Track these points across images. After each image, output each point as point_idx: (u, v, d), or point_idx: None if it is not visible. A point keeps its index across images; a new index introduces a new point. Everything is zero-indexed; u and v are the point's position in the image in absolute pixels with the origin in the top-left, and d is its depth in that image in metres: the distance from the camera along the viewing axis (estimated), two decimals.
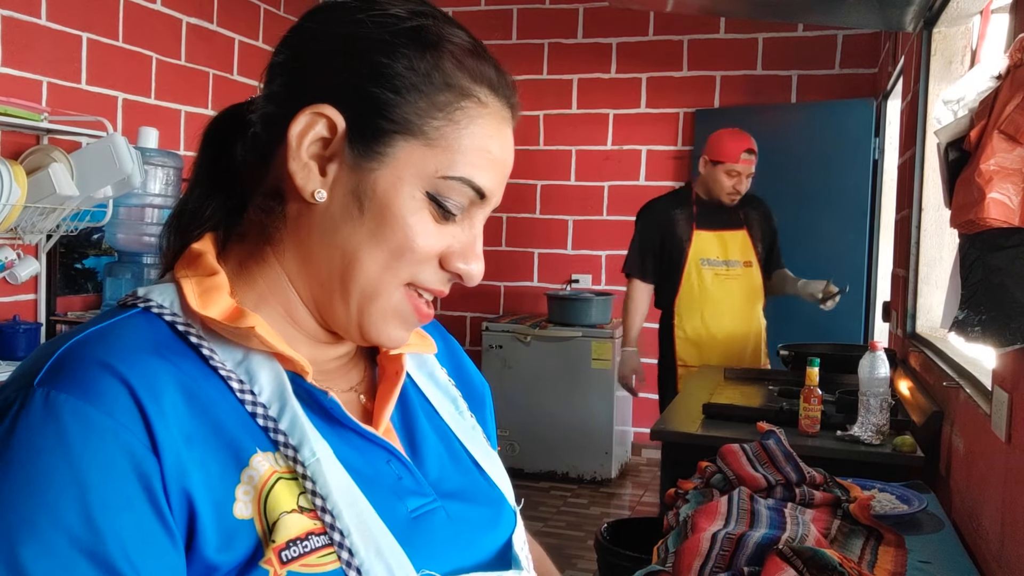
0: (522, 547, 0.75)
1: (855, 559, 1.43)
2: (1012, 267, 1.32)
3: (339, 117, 0.64)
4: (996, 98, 1.35)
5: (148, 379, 0.56)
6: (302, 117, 0.64)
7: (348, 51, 0.65)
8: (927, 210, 2.63)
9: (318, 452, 0.61)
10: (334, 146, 0.64)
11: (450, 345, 0.87)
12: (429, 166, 0.64)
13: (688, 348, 3.24)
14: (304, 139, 0.64)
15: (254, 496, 0.58)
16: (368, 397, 0.72)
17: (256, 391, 0.62)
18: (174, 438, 0.56)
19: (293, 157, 0.64)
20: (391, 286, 0.66)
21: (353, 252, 0.64)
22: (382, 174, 0.64)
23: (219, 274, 0.65)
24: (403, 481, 0.67)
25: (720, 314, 3.21)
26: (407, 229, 0.64)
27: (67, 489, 0.52)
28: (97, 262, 3.26)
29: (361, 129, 0.64)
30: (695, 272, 3.20)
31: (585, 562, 3.37)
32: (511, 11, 4.90)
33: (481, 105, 0.66)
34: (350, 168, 0.64)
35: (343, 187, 0.64)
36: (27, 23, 2.89)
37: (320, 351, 0.70)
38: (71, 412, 0.53)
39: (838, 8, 2.97)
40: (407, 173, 0.64)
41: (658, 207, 3.30)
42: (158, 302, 0.64)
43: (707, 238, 3.22)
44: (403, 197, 0.64)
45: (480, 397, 0.85)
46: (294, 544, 0.57)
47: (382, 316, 0.67)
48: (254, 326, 0.62)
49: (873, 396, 2.08)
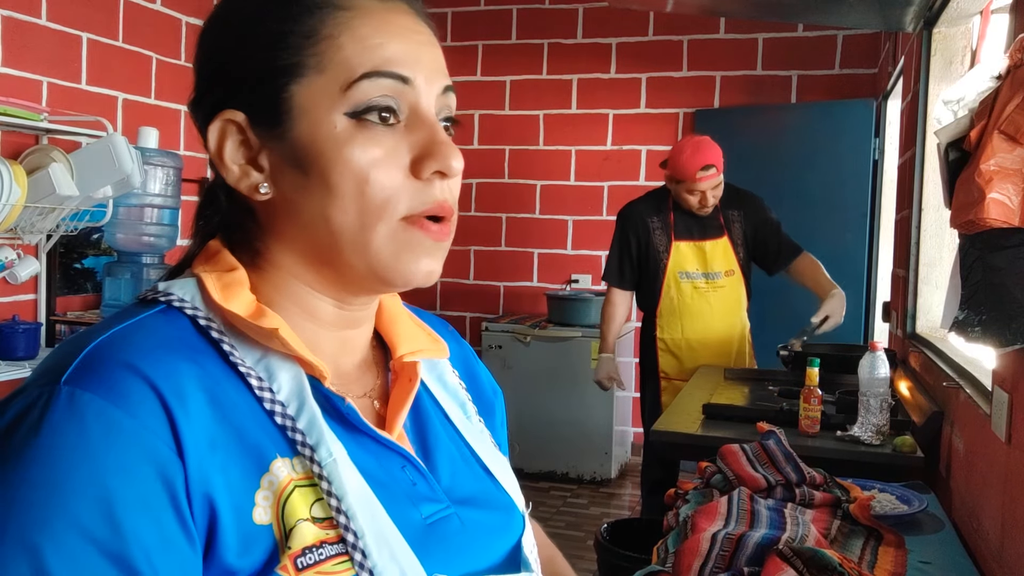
0: (531, 550, 0.75)
1: (855, 559, 1.43)
2: (1012, 267, 1.32)
3: (236, 113, 0.63)
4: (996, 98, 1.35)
5: (174, 381, 0.56)
6: (210, 134, 0.64)
7: (215, 45, 0.66)
8: (927, 210, 2.63)
9: (335, 453, 0.60)
10: (251, 139, 0.64)
11: (463, 349, 0.86)
12: (331, 89, 0.61)
13: (668, 359, 3.20)
14: (224, 151, 0.64)
15: (273, 502, 0.58)
16: (382, 403, 0.72)
17: (275, 389, 0.62)
18: (199, 442, 0.56)
19: (224, 171, 0.64)
20: (383, 228, 0.62)
21: (325, 218, 0.62)
22: (299, 128, 0.62)
23: (239, 270, 0.65)
24: (417, 487, 0.66)
25: (700, 326, 3.15)
26: (350, 163, 0.61)
27: (88, 489, 0.51)
28: (97, 262, 3.26)
29: (257, 105, 0.63)
30: (674, 285, 3.14)
31: (585, 562, 3.37)
32: (511, 11, 4.90)
33: (348, 9, 0.63)
34: (275, 147, 0.63)
35: (282, 167, 0.63)
36: (27, 23, 2.89)
37: (340, 349, 0.70)
38: (95, 412, 0.53)
39: (838, 8, 2.97)
40: (319, 111, 0.61)
41: (635, 213, 3.19)
42: (179, 296, 0.63)
43: (686, 250, 3.12)
44: (326, 135, 0.61)
45: (489, 403, 0.84)
46: (309, 552, 0.57)
47: (394, 258, 0.63)
48: (277, 328, 0.61)
49: (873, 396, 2.08)
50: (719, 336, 3.18)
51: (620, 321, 3.26)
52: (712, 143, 3.02)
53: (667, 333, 3.19)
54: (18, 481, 0.51)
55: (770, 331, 3.37)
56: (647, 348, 3.26)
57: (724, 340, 3.19)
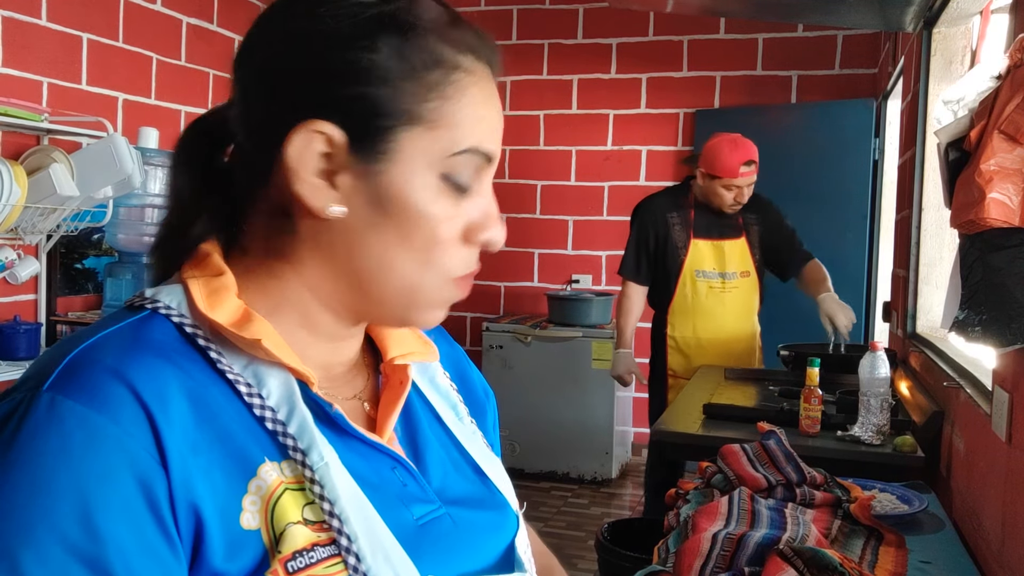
0: (525, 550, 0.75)
1: (856, 559, 1.43)
2: (1012, 267, 1.32)
3: (335, 130, 0.61)
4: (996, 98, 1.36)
5: (156, 386, 0.56)
6: (296, 139, 0.61)
7: (320, 52, 0.61)
8: (927, 210, 2.63)
9: (326, 457, 0.60)
10: (338, 158, 0.61)
11: (455, 351, 0.86)
12: (436, 149, 0.62)
13: (678, 357, 3.20)
14: (305, 160, 0.61)
15: (261, 507, 0.58)
16: (372, 405, 0.72)
17: (264, 395, 0.61)
18: (181, 448, 0.55)
19: (297, 180, 0.61)
20: (433, 282, 0.65)
21: (386, 258, 0.63)
22: (394, 172, 0.62)
23: (226, 274, 0.64)
24: (408, 488, 0.66)
25: (712, 326, 3.15)
26: (431, 221, 0.63)
27: (68, 495, 0.51)
28: (97, 262, 3.26)
29: (361, 133, 0.61)
30: (689, 283, 3.13)
31: (585, 562, 3.37)
32: (511, 11, 4.90)
33: (469, 73, 0.64)
34: (361, 175, 0.62)
35: (360, 196, 0.62)
36: (27, 23, 2.89)
37: (330, 356, 0.69)
38: (76, 418, 0.53)
39: (838, 8, 2.97)
40: (417, 163, 0.62)
41: (655, 207, 3.19)
42: (166, 303, 0.63)
43: (704, 248, 3.12)
44: (419, 189, 0.62)
45: (481, 405, 0.84)
46: (300, 555, 0.57)
47: (428, 307, 0.67)
48: (260, 339, 0.61)
49: (873, 396, 2.08)
50: (730, 337, 3.17)
51: (636, 315, 3.24)
52: (747, 139, 3.02)
53: (678, 331, 3.18)
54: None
55: (775, 333, 3.36)
56: (657, 346, 3.26)
57: (735, 341, 3.18)
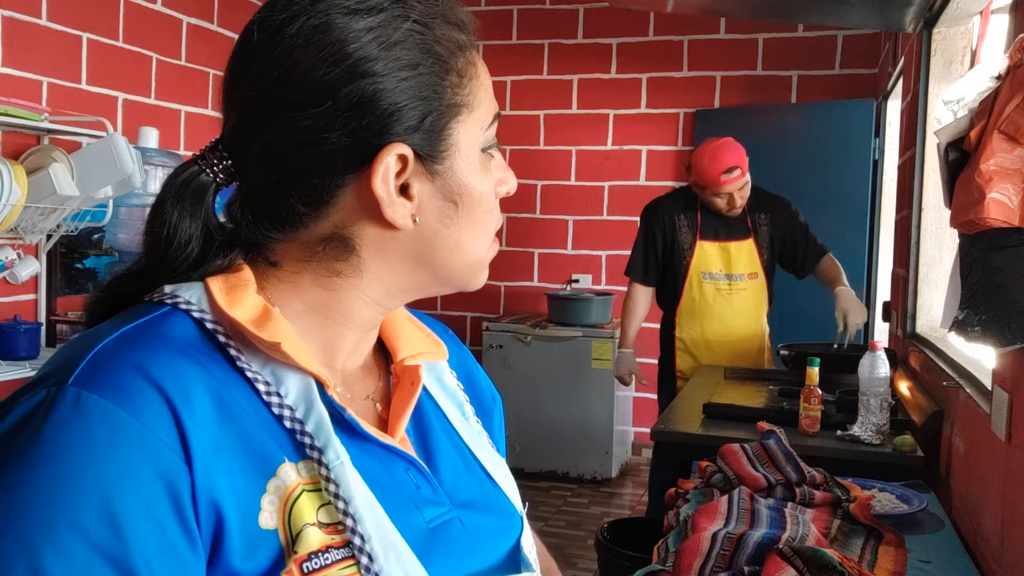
0: (530, 549, 0.75)
1: (855, 559, 1.43)
2: (1012, 267, 1.33)
3: (406, 148, 0.62)
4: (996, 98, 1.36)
5: (181, 384, 0.56)
6: (378, 170, 0.61)
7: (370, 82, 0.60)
8: (927, 210, 2.63)
9: (341, 456, 0.61)
10: (408, 171, 0.63)
11: (463, 354, 0.86)
12: (477, 128, 0.66)
13: (686, 358, 3.21)
14: (388, 185, 0.62)
15: (279, 506, 0.58)
16: (384, 405, 0.72)
17: (283, 393, 0.62)
18: (204, 446, 0.55)
19: (386, 206, 0.62)
20: (488, 246, 0.69)
21: (460, 242, 0.67)
22: (456, 164, 0.65)
23: (244, 270, 0.65)
24: (421, 491, 0.67)
25: (720, 327, 3.16)
26: (487, 195, 0.67)
27: (91, 492, 0.51)
28: (97, 262, 3.26)
29: (426, 142, 0.63)
30: (696, 285, 3.14)
31: (585, 562, 3.37)
32: (511, 11, 4.90)
33: (472, 47, 0.67)
34: (430, 178, 0.64)
35: (432, 197, 0.65)
36: (27, 23, 2.89)
37: (351, 356, 0.70)
38: (101, 414, 0.53)
39: (838, 8, 2.97)
40: (470, 148, 0.66)
41: (662, 209, 3.19)
42: (186, 298, 0.63)
43: (710, 250, 3.12)
44: (475, 171, 0.66)
45: (488, 407, 0.85)
46: (315, 556, 0.57)
47: (484, 270, 0.71)
48: (280, 342, 0.61)
49: (873, 396, 2.08)
50: (738, 338, 3.18)
51: (641, 316, 3.27)
52: (734, 144, 3.00)
53: (686, 333, 3.20)
54: (22, 481, 0.51)
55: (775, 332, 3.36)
56: (665, 347, 3.27)
57: (743, 342, 3.19)
